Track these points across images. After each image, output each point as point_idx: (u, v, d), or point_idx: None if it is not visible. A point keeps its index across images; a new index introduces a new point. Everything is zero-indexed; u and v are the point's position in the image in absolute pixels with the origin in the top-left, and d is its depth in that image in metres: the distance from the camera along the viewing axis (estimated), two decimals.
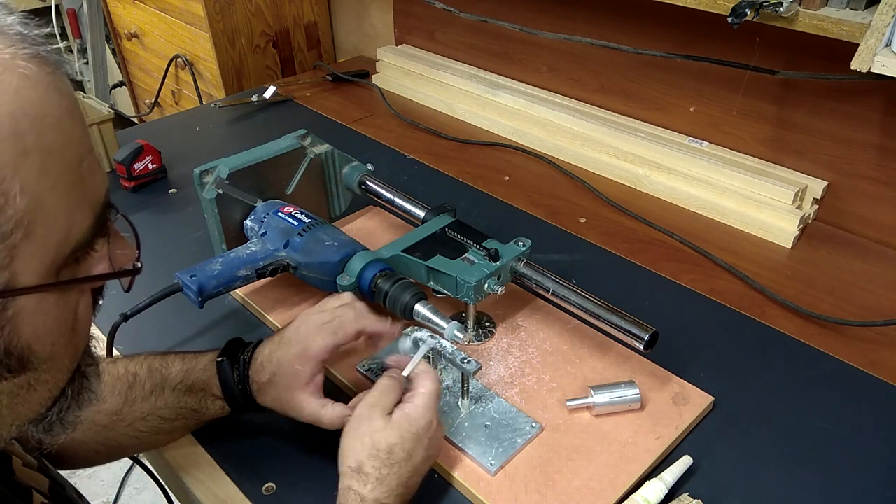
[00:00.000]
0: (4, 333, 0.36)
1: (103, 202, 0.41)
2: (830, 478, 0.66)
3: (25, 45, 0.36)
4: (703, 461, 0.67)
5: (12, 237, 0.34)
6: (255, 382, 0.66)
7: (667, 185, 1.10)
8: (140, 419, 0.66)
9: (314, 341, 0.65)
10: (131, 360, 0.68)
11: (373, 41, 1.70)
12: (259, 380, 0.66)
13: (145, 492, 1.70)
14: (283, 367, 0.65)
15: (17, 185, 0.34)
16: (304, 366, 0.64)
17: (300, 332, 0.66)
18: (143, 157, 1.13)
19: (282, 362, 0.65)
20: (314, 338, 0.65)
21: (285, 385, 0.65)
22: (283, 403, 0.65)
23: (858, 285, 0.92)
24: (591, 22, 1.20)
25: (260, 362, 0.66)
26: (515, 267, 0.78)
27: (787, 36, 0.84)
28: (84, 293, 0.41)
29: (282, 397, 0.65)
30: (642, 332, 0.69)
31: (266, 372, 0.65)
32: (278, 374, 0.65)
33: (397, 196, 0.94)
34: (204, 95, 1.71)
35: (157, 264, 0.96)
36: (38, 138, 0.35)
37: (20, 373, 0.38)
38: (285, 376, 0.64)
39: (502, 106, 1.32)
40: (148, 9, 1.78)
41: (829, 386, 0.76)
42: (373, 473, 0.58)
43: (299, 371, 0.64)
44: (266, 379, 0.65)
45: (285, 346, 0.66)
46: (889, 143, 0.95)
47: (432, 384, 0.63)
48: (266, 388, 0.65)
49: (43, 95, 0.35)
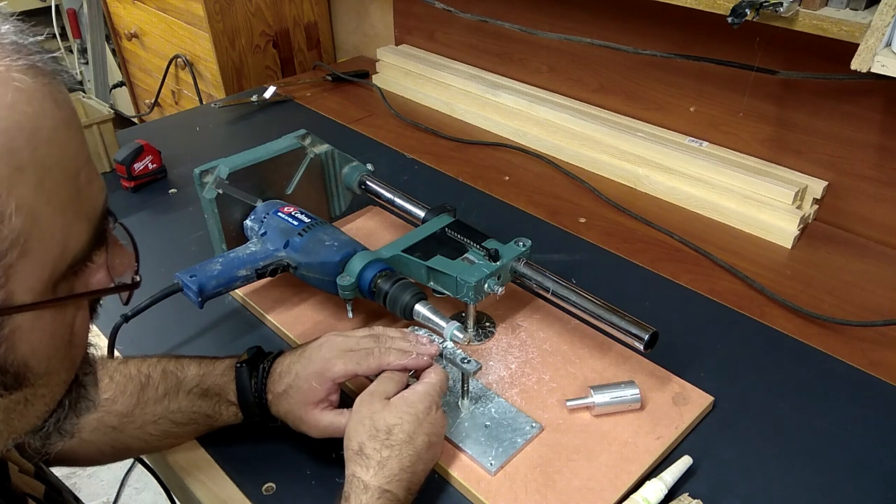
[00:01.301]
0: (0, 351, 0.36)
1: (101, 212, 0.40)
2: (830, 478, 0.66)
3: (20, 56, 0.35)
4: (703, 461, 0.67)
5: (8, 256, 0.34)
6: (271, 392, 0.66)
7: (667, 185, 1.10)
8: (151, 422, 0.65)
9: (335, 364, 0.64)
10: (144, 361, 0.68)
11: (373, 41, 1.70)
12: (275, 390, 0.65)
13: (145, 492, 1.70)
14: (299, 380, 0.64)
15: (13, 203, 0.33)
16: (321, 385, 0.64)
17: (322, 352, 0.66)
18: (143, 157, 1.13)
19: (299, 375, 0.65)
20: (335, 361, 0.64)
21: (299, 399, 0.64)
22: (295, 417, 0.65)
23: (858, 285, 0.92)
24: (591, 22, 1.20)
25: (279, 372, 0.66)
26: (515, 267, 0.78)
27: (787, 36, 0.84)
28: (81, 306, 0.41)
29: (295, 411, 0.65)
30: (642, 332, 0.69)
31: (282, 383, 0.65)
32: (293, 387, 0.64)
33: (397, 196, 0.94)
34: (204, 95, 1.71)
35: (157, 264, 0.96)
36: (33, 153, 0.34)
37: (17, 389, 0.37)
38: (300, 390, 0.64)
39: (502, 106, 1.32)
40: (148, 9, 1.78)
41: (829, 386, 0.76)
42: (374, 456, 0.58)
43: (315, 388, 0.64)
44: (281, 389, 0.65)
45: (305, 361, 0.65)
46: (889, 143, 0.95)
47: (436, 376, 0.65)
48: (280, 399, 0.65)
49: (38, 109, 0.35)
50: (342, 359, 0.65)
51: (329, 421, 0.64)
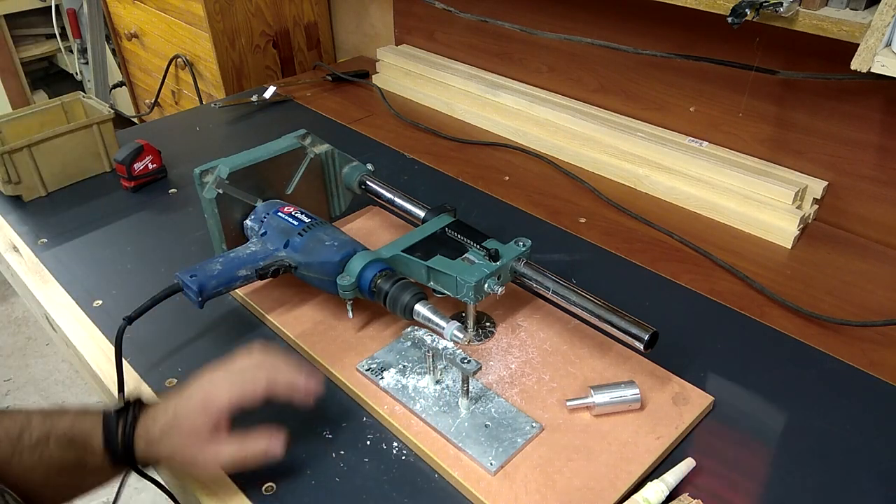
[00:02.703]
0: None
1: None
2: (830, 478, 0.66)
3: None
4: (703, 461, 0.67)
5: None
6: (143, 438, 0.61)
7: (667, 185, 1.10)
8: (29, 469, 0.59)
9: (218, 394, 0.61)
10: (19, 411, 0.62)
11: (373, 41, 1.70)
12: (149, 435, 0.61)
13: (145, 492, 1.70)
14: (179, 418, 0.61)
15: None
16: (207, 417, 0.60)
17: (203, 385, 0.62)
18: (143, 157, 1.13)
19: (178, 413, 0.61)
20: (219, 390, 0.61)
21: (183, 440, 0.60)
22: (184, 459, 0.61)
23: (858, 285, 0.92)
24: (591, 22, 1.20)
25: (152, 415, 0.62)
26: (515, 267, 0.78)
27: (787, 36, 0.84)
28: None
29: (182, 452, 0.61)
30: (642, 332, 0.69)
31: (157, 424, 0.61)
32: (174, 427, 0.60)
33: (397, 196, 0.94)
34: (204, 95, 1.71)
35: (157, 264, 0.96)
36: None
37: None
38: (181, 430, 0.60)
39: (502, 106, 1.32)
40: (148, 9, 1.78)
41: (829, 386, 0.76)
42: None
43: (200, 423, 0.60)
44: (157, 433, 0.61)
45: (185, 399, 0.62)
46: (889, 143, 0.95)
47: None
48: (159, 444, 0.61)
49: None
50: (224, 386, 0.61)
51: (232, 451, 0.61)
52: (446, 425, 0.69)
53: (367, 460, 0.68)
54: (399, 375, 0.75)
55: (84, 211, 1.09)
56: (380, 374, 0.75)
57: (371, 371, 0.76)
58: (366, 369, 0.76)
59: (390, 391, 0.73)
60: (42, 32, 2.69)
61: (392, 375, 0.75)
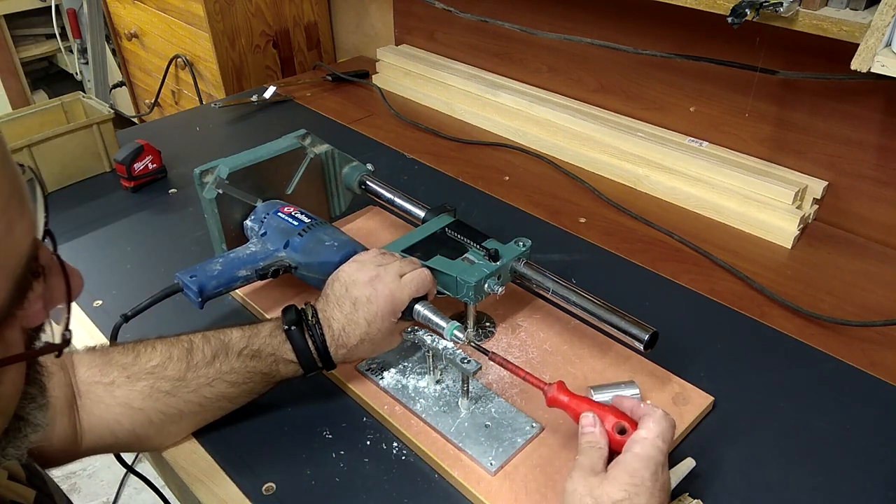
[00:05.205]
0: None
1: (27, 259, 0.35)
2: (830, 478, 0.66)
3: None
4: (703, 461, 0.67)
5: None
6: (343, 346, 0.69)
7: (667, 185, 1.10)
8: (206, 384, 0.66)
9: (401, 296, 0.70)
10: (175, 336, 0.68)
11: (373, 41, 1.70)
12: (347, 344, 0.69)
13: (145, 492, 1.70)
14: (373, 326, 0.69)
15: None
16: (395, 317, 0.70)
17: (377, 289, 0.70)
18: (143, 157, 1.13)
19: (371, 322, 0.69)
20: (400, 292, 0.70)
21: (381, 339, 0.71)
22: (379, 350, 0.73)
23: (858, 285, 0.92)
24: (591, 22, 1.20)
25: (340, 327, 0.69)
26: (515, 267, 0.78)
27: (787, 36, 0.84)
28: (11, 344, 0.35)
29: (378, 348, 0.73)
30: (642, 333, 0.69)
31: (352, 336, 0.69)
32: (369, 333, 0.70)
33: (397, 196, 0.94)
34: (204, 95, 1.71)
35: (157, 264, 0.96)
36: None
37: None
38: (380, 332, 0.70)
39: (502, 106, 1.32)
40: (148, 9, 1.78)
41: (829, 386, 0.76)
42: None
43: (392, 322, 0.70)
44: (356, 342, 0.69)
45: (364, 306, 0.69)
46: (889, 143, 0.95)
47: (656, 426, 0.57)
48: (357, 350, 0.70)
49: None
50: (402, 286, 0.70)
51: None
52: (446, 425, 0.69)
53: (367, 460, 0.68)
54: (399, 375, 0.75)
55: (84, 211, 1.09)
56: (380, 373, 0.75)
57: (371, 371, 0.76)
58: (366, 369, 0.76)
59: (390, 391, 0.73)
60: (42, 32, 2.70)
61: (392, 375, 0.75)
